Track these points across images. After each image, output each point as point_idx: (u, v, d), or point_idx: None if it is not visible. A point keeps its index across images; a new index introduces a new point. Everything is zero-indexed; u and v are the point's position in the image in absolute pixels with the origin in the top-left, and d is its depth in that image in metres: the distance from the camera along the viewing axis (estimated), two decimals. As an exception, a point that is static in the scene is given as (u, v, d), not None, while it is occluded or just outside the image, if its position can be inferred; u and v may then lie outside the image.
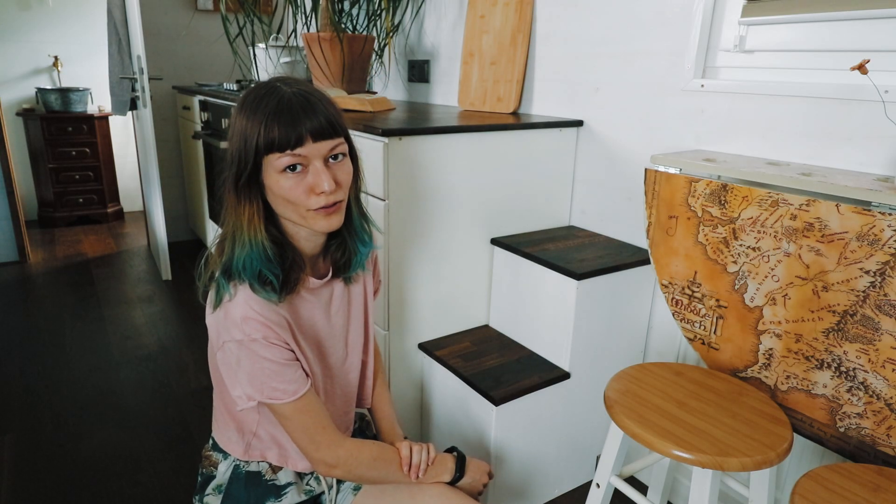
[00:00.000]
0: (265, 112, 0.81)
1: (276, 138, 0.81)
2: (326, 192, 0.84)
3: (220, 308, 0.87)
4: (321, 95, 0.86)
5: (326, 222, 0.87)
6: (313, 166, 0.84)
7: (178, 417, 1.92)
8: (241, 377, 0.87)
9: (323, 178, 0.84)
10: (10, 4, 3.72)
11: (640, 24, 1.52)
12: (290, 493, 1.01)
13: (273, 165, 0.83)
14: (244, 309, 0.84)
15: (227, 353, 0.87)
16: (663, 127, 1.51)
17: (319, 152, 0.84)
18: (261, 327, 0.85)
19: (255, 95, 0.84)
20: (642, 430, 0.99)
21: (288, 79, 0.87)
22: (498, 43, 1.91)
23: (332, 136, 0.84)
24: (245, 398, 0.88)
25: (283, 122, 0.81)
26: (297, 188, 0.84)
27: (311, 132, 0.82)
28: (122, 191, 4.33)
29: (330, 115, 0.84)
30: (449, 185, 1.52)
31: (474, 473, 1.05)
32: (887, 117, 1.11)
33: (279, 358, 0.86)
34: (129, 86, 3.02)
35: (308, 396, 0.90)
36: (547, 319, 1.52)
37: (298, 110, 0.82)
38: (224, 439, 1.02)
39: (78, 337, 2.45)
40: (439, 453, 1.04)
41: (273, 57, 2.61)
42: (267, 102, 0.82)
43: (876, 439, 1.04)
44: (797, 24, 1.26)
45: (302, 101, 0.82)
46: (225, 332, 0.86)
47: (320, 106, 0.84)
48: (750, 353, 1.20)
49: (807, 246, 1.06)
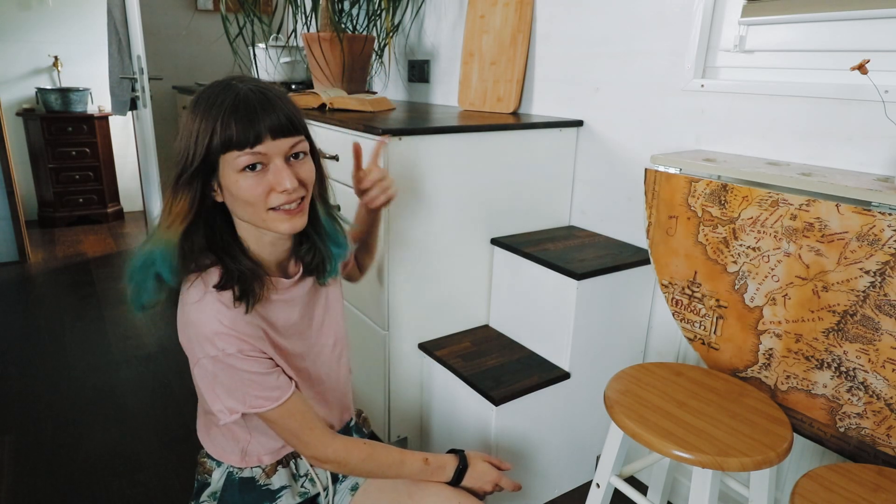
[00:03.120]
0: (221, 109, 0.78)
1: (233, 136, 0.78)
2: (288, 190, 0.81)
3: (188, 325, 0.83)
4: (279, 92, 0.83)
5: (289, 224, 0.84)
6: (274, 164, 0.81)
7: (178, 417, 1.92)
8: (220, 392, 0.85)
9: (284, 175, 0.81)
10: (10, 4, 3.72)
11: (640, 24, 1.52)
12: (284, 496, 1.00)
13: (231, 165, 0.79)
14: (214, 325, 0.81)
15: (202, 370, 0.84)
16: (663, 127, 1.51)
17: (280, 150, 0.81)
18: (235, 341, 0.82)
19: (209, 93, 0.81)
20: (642, 430, 0.99)
21: (244, 77, 0.84)
22: (498, 43, 1.91)
23: (291, 134, 0.82)
24: (227, 412, 0.85)
25: (241, 119, 0.78)
26: (256, 188, 0.80)
27: (271, 129, 0.79)
28: (122, 191, 4.33)
29: (289, 112, 0.82)
30: (449, 185, 1.52)
31: (476, 481, 1.03)
32: (887, 117, 1.11)
33: (258, 368, 0.84)
34: (129, 86, 3.02)
35: (292, 400, 0.87)
36: (547, 319, 1.52)
37: (256, 107, 0.78)
38: (218, 450, 1.00)
39: (78, 337, 2.45)
40: (440, 455, 1.03)
41: (273, 57, 2.61)
42: (223, 100, 0.78)
43: (876, 439, 1.04)
44: (797, 24, 1.26)
45: (260, 97, 0.79)
46: (199, 349, 0.82)
47: (279, 102, 0.81)
48: (750, 353, 1.20)
49: (807, 246, 1.06)
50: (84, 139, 3.89)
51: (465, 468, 1.02)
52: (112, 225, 4.14)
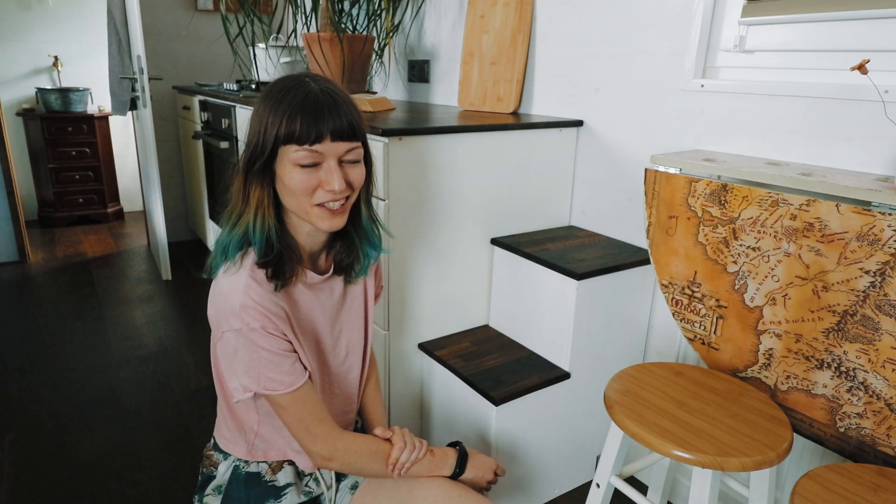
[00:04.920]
0: (290, 103, 0.83)
1: (296, 131, 0.82)
2: (335, 191, 0.85)
3: (218, 295, 0.87)
4: (347, 98, 0.87)
5: (329, 222, 0.88)
6: (327, 164, 0.85)
7: (178, 417, 1.92)
8: (238, 368, 0.88)
9: (334, 176, 0.85)
10: (10, 4, 3.72)
11: (640, 24, 1.52)
12: (289, 494, 1.01)
13: (289, 157, 0.84)
14: (243, 297, 0.85)
15: (225, 344, 0.88)
16: (663, 127, 1.51)
17: (335, 152, 0.85)
18: (259, 316, 0.85)
19: (282, 86, 0.85)
20: (642, 430, 0.99)
21: (318, 76, 0.88)
22: (498, 43, 1.91)
23: (350, 139, 0.86)
24: (241, 389, 0.88)
25: (306, 117, 0.82)
26: (306, 182, 0.85)
27: (332, 131, 0.83)
28: (122, 191, 4.33)
29: (352, 118, 0.86)
30: (449, 185, 1.52)
31: (477, 470, 1.04)
32: (887, 117, 1.11)
33: (276, 348, 0.87)
34: (129, 86, 3.02)
35: (305, 388, 0.90)
36: (547, 319, 1.52)
37: (323, 108, 0.83)
38: (225, 440, 1.02)
39: (78, 337, 2.45)
40: (441, 448, 1.03)
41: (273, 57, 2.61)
42: (294, 94, 0.83)
43: (876, 439, 1.04)
44: (797, 24, 1.26)
45: (328, 99, 0.84)
46: (224, 322, 0.86)
47: (345, 108, 0.85)
48: (750, 353, 1.20)
49: (807, 246, 1.06)
50: (84, 139, 3.89)
51: (466, 456, 1.03)
52: (112, 225, 4.14)
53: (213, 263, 0.91)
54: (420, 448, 0.98)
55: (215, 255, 0.90)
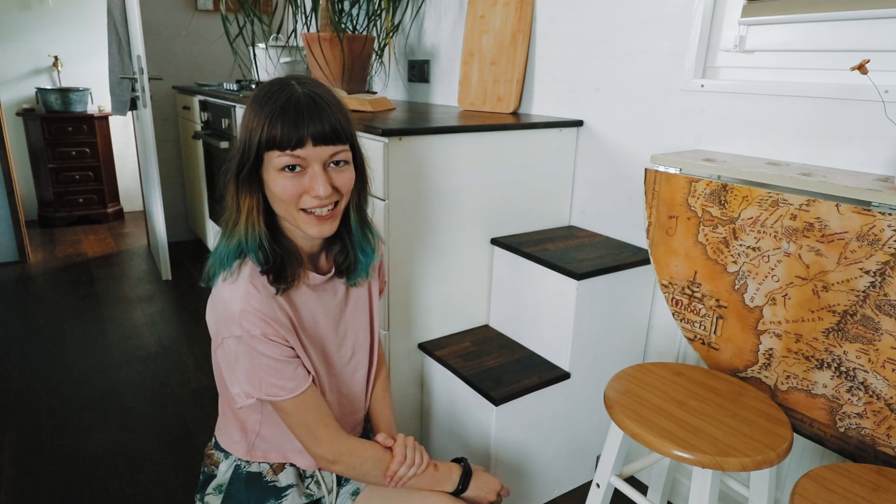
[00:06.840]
0: (272, 108, 0.82)
1: (277, 136, 0.81)
2: (321, 197, 0.84)
3: (218, 301, 0.87)
4: (332, 100, 0.85)
5: (318, 228, 0.87)
6: (311, 169, 0.84)
7: (178, 417, 1.92)
8: (240, 374, 0.87)
9: (319, 181, 0.83)
10: (10, 4, 3.72)
11: (640, 24, 1.52)
12: (290, 495, 1.00)
13: (272, 162, 0.83)
14: (242, 304, 0.84)
15: (226, 350, 0.87)
16: (663, 127, 1.51)
17: (319, 156, 0.84)
18: (259, 322, 0.84)
19: (266, 90, 0.84)
20: (642, 430, 0.99)
21: (304, 78, 0.86)
22: (498, 43, 1.91)
23: (334, 143, 0.84)
24: (243, 396, 0.88)
25: (287, 122, 0.81)
26: (291, 189, 0.84)
27: (313, 136, 0.82)
28: (122, 191, 4.33)
29: (336, 121, 0.84)
30: (449, 185, 1.52)
31: (480, 489, 1.02)
32: (887, 117, 1.11)
33: (278, 355, 0.86)
34: (129, 86, 3.02)
35: (308, 393, 0.89)
36: (547, 319, 1.52)
37: (304, 111, 0.81)
38: (227, 439, 1.02)
39: (78, 337, 2.45)
40: (445, 462, 1.03)
41: (273, 57, 2.61)
42: (276, 99, 0.82)
43: (876, 439, 1.04)
44: (797, 24, 1.26)
45: (309, 102, 0.82)
46: (224, 329, 0.86)
47: (328, 111, 0.83)
48: (750, 353, 1.20)
49: (807, 246, 1.06)
50: (84, 139, 3.89)
51: (470, 474, 1.02)
52: (112, 225, 4.14)
53: (211, 272, 0.90)
54: (420, 463, 0.97)
55: (213, 264, 0.90)
